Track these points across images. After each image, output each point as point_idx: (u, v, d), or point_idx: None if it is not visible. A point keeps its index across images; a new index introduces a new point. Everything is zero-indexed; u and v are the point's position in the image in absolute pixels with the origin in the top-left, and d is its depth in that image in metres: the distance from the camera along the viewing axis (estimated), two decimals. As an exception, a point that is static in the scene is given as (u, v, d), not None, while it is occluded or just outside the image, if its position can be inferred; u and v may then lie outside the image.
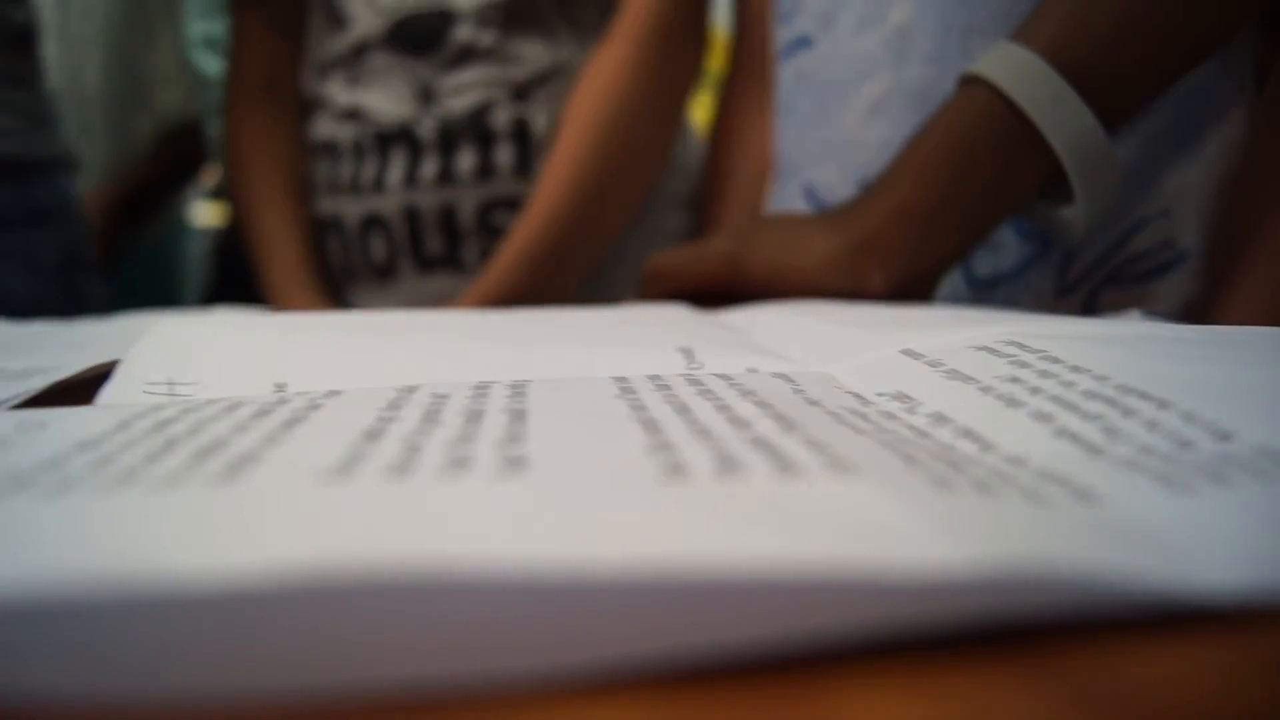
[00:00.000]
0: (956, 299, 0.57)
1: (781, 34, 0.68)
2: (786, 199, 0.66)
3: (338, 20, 0.81)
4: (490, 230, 0.79)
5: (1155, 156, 0.52)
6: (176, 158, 1.31)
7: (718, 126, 0.81)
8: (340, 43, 0.81)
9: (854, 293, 0.49)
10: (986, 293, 0.56)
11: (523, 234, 0.75)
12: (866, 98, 0.59)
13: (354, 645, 0.13)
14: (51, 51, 1.20)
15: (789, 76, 0.67)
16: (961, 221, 0.49)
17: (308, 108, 0.86)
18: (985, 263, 0.56)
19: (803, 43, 0.65)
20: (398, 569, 0.13)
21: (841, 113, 0.61)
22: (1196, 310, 0.52)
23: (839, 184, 0.61)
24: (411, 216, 0.78)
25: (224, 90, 0.90)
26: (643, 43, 0.76)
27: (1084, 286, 0.54)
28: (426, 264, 0.80)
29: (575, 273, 0.79)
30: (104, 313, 0.66)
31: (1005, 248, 0.56)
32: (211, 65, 1.20)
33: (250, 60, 0.87)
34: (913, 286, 0.50)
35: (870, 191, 0.51)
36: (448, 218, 0.78)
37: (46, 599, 0.13)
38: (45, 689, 0.13)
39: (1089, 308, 0.54)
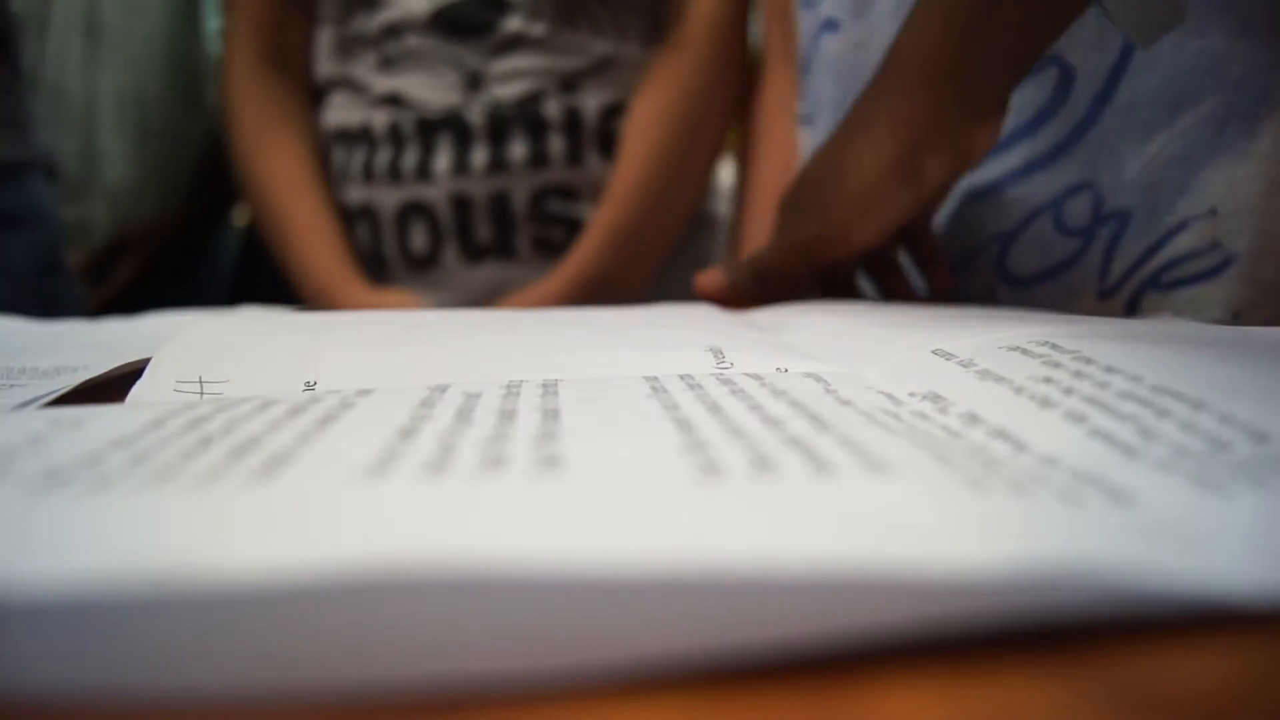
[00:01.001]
0: (993, 298, 0.56)
1: (806, 21, 0.66)
2: None
3: (368, 1, 0.80)
4: (543, 218, 0.80)
5: (1200, 150, 0.49)
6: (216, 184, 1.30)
7: (747, 127, 0.80)
8: (370, 22, 0.80)
9: (920, 194, 0.48)
10: (1024, 292, 0.55)
11: (605, 216, 0.79)
12: None
13: (394, 643, 0.13)
14: (115, 55, 1.20)
15: (814, 65, 0.65)
16: (1000, 61, 0.46)
17: (324, 88, 0.85)
18: (1023, 259, 0.55)
19: (829, 26, 0.63)
20: (439, 566, 0.13)
21: None
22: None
23: None
24: (460, 204, 0.79)
25: (223, 55, 0.87)
26: (707, 44, 0.81)
27: (1125, 289, 0.51)
28: (475, 253, 0.80)
29: (653, 254, 0.83)
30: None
31: (1045, 245, 0.53)
32: None
33: (253, 26, 0.86)
34: (976, 142, 0.47)
35: (895, 58, 0.48)
36: (500, 205, 0.79)
37: (91, 595, 0.13)
38: (86, 685, 0.13)
39: (1131, 313, 0.52)
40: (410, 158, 0.79)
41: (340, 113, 0.83)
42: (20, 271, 0.95)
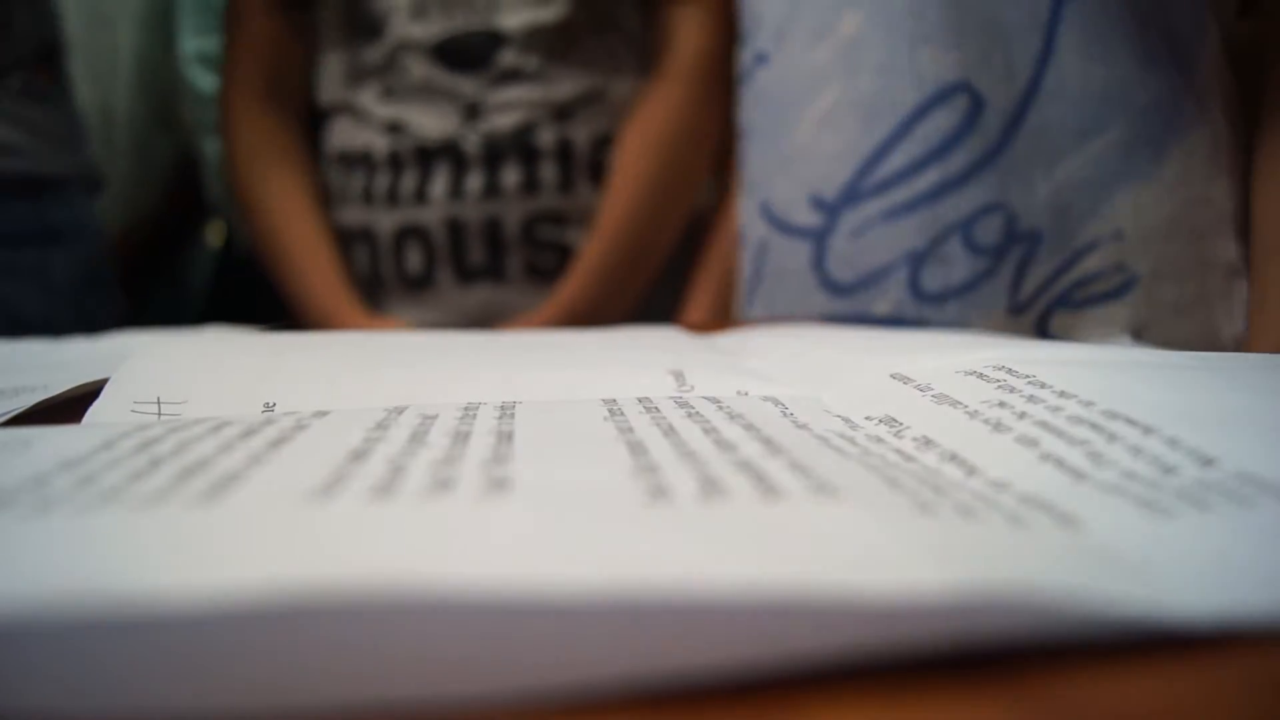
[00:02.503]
0: (903, 313, 0.57)
1: (744, 54, 0.68)
2: (749, 220, 0.66)
3: (372, 29, 0.82)
4: (534, 243, 0.82)
5: (1108, 174, 0.51)
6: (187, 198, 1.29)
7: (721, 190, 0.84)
8: (376, 52, 0.82)
9: None
10: (935, 308, 0.56)
11: (593, 249, 0.81)
12: (817, 110, 0.57)
13: (329, 666, 0.13)
14: (80, 69, 1.19)
15: (749, 96, 0.67)
16: None
17: (327, 113, 0.87)
18: (934, 277, 0.55)
19: (760, 60, 0.64)
20: (373, 590, 0.13)
21: (794, 127, 0.60)
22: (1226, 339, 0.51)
23: (792, 200, 0.60)
24: (455, 228, 0.81)
25: (221, 85, 0.89)
26: (695, 79, 0.83)
27: (1035, 307, 0.53)
28: (468, 275, 0.82)
29: (639, 283, 0.85)
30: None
31: (954, 262, 0.55)
32: (206, 82, 1.18)
33: (254, 56, 0.88)
34: None
35: None
36: (493, 230, 0.81)
37: (24, 618, 0.13)
38: (24, 708, 0.13)
39: (1041, 330, 0.54)
40: (408, 182, 0.81)
41: (343, 136, 0.85)
42: (62, 286, 0.95)
